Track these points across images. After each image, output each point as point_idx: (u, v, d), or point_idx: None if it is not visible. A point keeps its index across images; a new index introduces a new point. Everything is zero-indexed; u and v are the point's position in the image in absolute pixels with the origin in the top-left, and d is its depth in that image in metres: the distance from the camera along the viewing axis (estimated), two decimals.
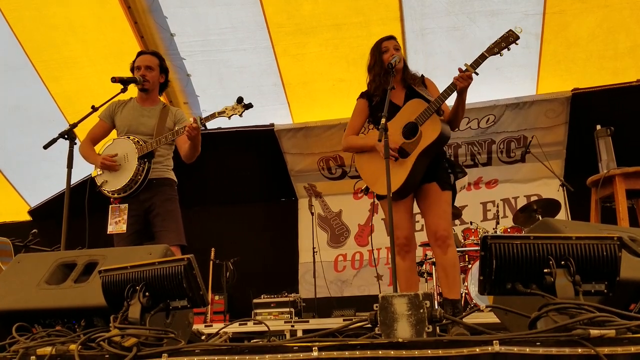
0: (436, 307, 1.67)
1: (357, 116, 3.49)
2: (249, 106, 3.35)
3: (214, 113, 3.37)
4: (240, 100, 3.34)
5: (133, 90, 3.64)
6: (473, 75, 3.04)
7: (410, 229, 3.28)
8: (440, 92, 3.14)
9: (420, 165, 3.13)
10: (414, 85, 3.34)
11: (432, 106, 3.12)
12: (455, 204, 3.44)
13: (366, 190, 3.38)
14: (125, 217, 3.38)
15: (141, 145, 3.43)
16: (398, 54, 3.33)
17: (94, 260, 2.30)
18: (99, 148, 3.63)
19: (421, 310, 1.63)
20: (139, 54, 3.70)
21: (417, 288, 3.49)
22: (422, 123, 3.13)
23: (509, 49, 3.04)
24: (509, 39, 3.03)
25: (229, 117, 3.35)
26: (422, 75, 3.44)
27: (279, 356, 1.55)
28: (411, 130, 3.17)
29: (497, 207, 6.74)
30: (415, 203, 3.33)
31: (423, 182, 3.21)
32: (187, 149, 3.47)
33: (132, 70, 3.62)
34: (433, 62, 6.20)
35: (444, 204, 3.19)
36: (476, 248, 5.33)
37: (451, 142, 6.86)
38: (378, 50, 3.40)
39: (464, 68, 3.04)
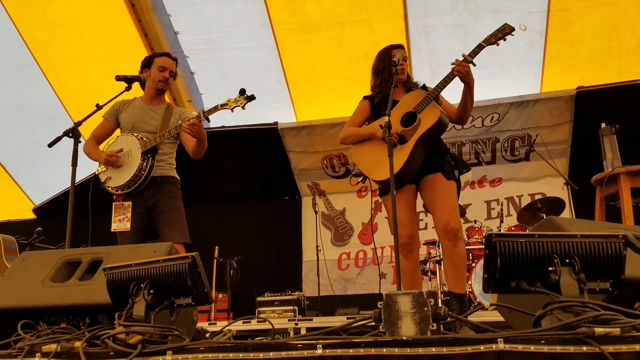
0: (440, 305, 1.67)
1: (359, 114, 3.50)
2: (251, 98, 3.31)
3: (217, 105, 3.33)
4: (242, 92, 3.31)
5: (137, 89, 3.64)
6: (473, 67, 3.12)
7: (414, 227, 3.24)
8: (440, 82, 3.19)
9: (418, 150, 3.13)
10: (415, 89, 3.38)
11: (431, 94, 3.17)
12: (459, 202, 3.43)
13: (364, 179, 3.35)
14: (129, 214, 3.38)
15: (145, 141, 3.43)
16: (405, 64, 3.36)
17: (99, 258, 2.31)
18: (103, 146, 3.63)
19: (425, 308, 1.63)
20: (165, 54, 3.70)
21: (421, 287, 3.47)
22: (420, 110, 3.16)
23: (505, 40, 3.20)
24: (504, 30, 3.21)
25: (232, 109, 3.31)
26: (424, 85, 3.47)
27: (283, 353, 1.55)
28: (409, 119, 3.19)
29: (501, 205, 6.72)
30: (418, 200, 3.31)
31: (427, 172, 3.20)
32: (194, 145, 3.47)
33: (146, 64, 3.62)
34: (437, 59, 6.19)
35: (452, 195, 3.15)
36: (480, 246, 5.32)
37: (455, 140, 6.86)
38: (388, 56, 3.37)
39: (461, 58, 3.14)
